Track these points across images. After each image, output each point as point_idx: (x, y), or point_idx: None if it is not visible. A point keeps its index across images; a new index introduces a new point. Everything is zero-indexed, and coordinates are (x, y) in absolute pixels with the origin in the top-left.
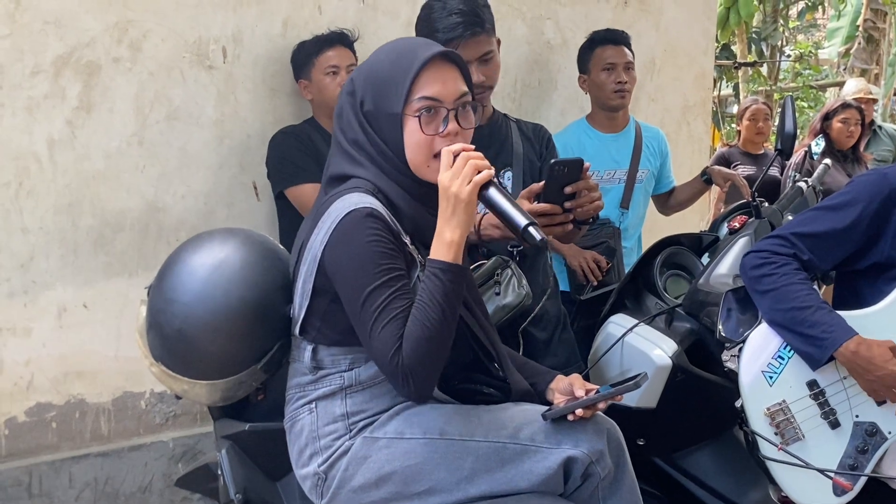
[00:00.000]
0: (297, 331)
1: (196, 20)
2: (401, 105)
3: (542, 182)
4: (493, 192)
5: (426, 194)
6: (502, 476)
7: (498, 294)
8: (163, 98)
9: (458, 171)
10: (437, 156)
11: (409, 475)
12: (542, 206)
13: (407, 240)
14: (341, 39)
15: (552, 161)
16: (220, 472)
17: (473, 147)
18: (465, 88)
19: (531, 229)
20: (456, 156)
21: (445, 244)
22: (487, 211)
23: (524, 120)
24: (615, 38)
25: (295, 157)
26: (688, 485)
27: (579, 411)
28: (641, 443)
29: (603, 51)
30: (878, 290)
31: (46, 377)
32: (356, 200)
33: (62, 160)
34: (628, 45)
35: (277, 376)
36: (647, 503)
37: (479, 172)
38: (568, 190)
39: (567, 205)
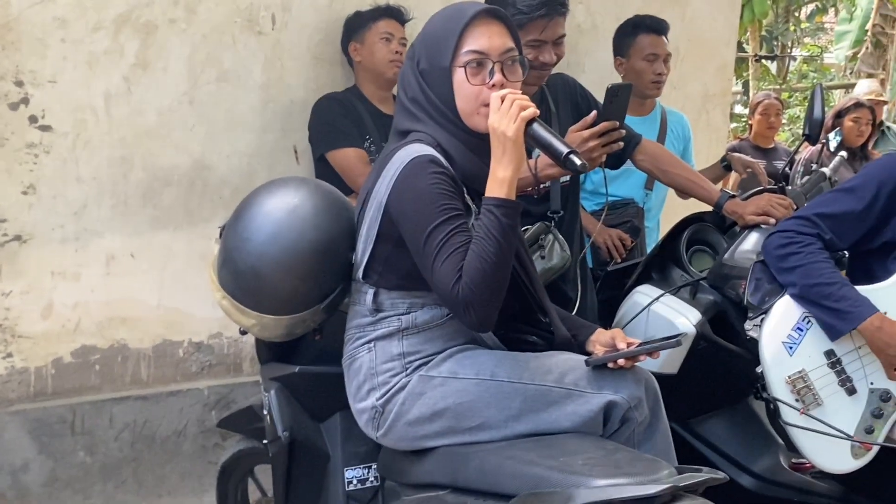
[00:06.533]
0: (359, 275)
1: None
2: (449, 58)
3: (593, 112)
4: (536, 127)
5: (479, 146)
6: (547, 416)
7: (543, 258)
8: (214, 60)
9: (504, 112)
10: (487, 105)
11: (462, 411)
12: (603, 124)
13: (463, 189)
14: (398, 15)
15: (609, 85)
16: (266, 413)
17: (520, 91)
18: (512, 44)
19: (572, 156)
20: (503, 100)
21: (498, 181)
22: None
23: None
24: (658, 28)
25: (338, 121)
26: (703, 450)
27: (620, 361)
28: None
29: (646, 38)
30: (885, 268)
31: (93, 321)
32: (417, 149)
33: (117, 114)
34: (667, 36)
35: (331, 322)
36: None
37: (525, 111)
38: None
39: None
